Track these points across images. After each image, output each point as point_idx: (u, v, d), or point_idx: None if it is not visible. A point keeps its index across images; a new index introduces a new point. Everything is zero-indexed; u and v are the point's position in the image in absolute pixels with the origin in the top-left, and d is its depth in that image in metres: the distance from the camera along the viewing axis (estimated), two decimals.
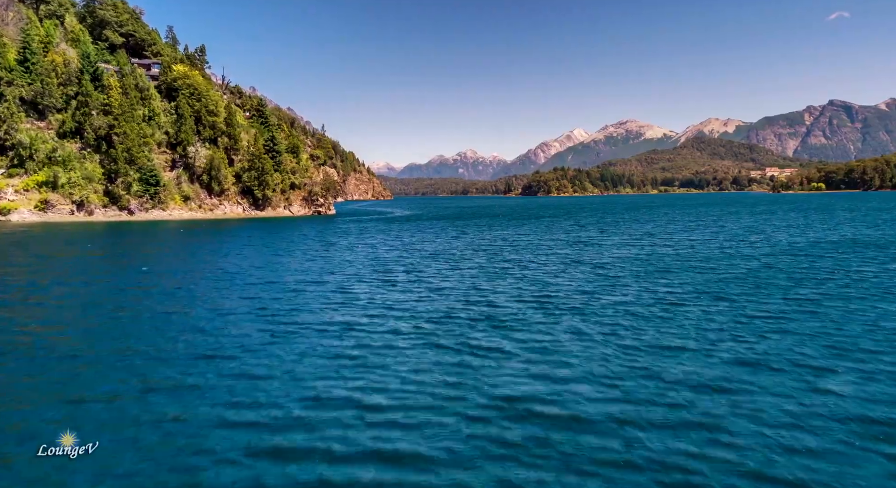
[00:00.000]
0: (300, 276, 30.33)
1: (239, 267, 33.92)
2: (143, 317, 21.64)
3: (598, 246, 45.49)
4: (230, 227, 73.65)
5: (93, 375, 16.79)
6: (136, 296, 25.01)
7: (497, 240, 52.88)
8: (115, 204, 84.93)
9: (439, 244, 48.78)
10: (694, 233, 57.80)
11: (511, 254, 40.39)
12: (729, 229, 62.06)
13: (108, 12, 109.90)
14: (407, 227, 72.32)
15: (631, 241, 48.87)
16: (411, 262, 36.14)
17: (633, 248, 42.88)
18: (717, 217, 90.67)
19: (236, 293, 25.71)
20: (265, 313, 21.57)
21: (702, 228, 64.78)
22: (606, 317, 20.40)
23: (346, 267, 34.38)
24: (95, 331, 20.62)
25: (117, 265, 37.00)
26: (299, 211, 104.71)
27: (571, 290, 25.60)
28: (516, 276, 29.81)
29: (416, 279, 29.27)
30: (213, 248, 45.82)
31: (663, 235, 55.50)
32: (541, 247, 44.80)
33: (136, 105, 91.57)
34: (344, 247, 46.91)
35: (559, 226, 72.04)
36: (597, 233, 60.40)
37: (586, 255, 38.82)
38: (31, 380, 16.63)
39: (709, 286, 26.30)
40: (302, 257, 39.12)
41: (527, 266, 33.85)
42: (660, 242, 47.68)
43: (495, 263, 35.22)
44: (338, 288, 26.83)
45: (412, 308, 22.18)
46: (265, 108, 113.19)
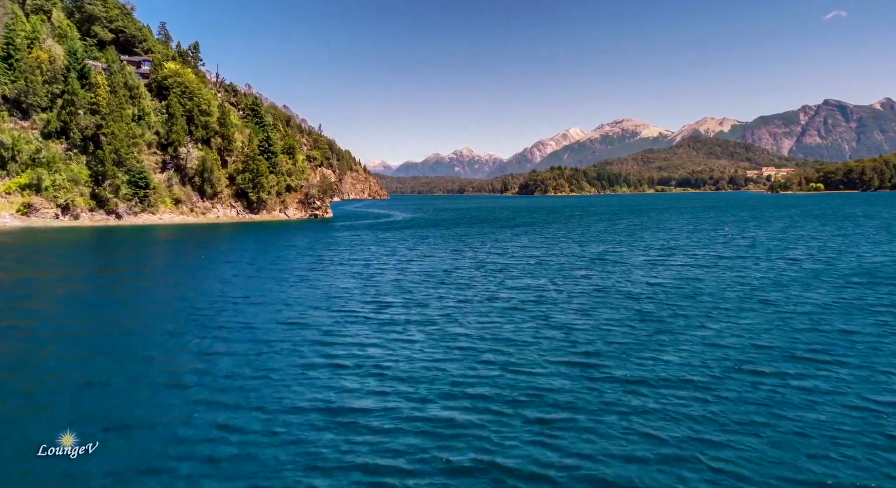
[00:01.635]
0: (278, 313, 25.44)
1: (211, 296, 29.45)
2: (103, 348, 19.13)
3: (622, 265, 40.59)
4: (220, 235, 70.05)
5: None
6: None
7: (504, 254, 48.22)
8: (103, 207, 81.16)
9: (440, 261, 43.95)
10: (725, 247, 52.22)
11: (524, 277, 35.69)
12: (762, 242, 55.92)
13: (96, 7, 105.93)
14: (403, 237, 67.13)
15: (657, 259, 44.13)
16: (410, 290, 31.33)
17: (663, 270, 37.90)
18: (736, 223, 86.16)
19: (193, 341, 21.03)
20: (212, 385, 16.85)
21: (728, 240, 59.73)
22: (675, 398, 14.99)
23: (335, 297, 29.46)
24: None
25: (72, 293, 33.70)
26: (295, 214, 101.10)
27: (610, 342, 20.52)
28: (537, 317, 24.65)
29: (417, 320, 24.35)
30: (188, 268, 41.29)
31: (690, 249, 50.63)
32: (556, 268, 39.69)
33: (124, 104, 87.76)
34: (335, 264, 42.04)
35: (569, 236, 67.12)
36: (613, 244, 55.85)
37: (612, 280, 34.07)
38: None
39: (809, 341, 20.15)
40: (286, 281, 34.38)
41: (547, 298, 28.77)
42: (692, 260, 42.76)
43: (508, 293, 30.35)
44: (320, 335, 21.73)
45: (415, 374, 17.20)
46: (260, 107, 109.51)
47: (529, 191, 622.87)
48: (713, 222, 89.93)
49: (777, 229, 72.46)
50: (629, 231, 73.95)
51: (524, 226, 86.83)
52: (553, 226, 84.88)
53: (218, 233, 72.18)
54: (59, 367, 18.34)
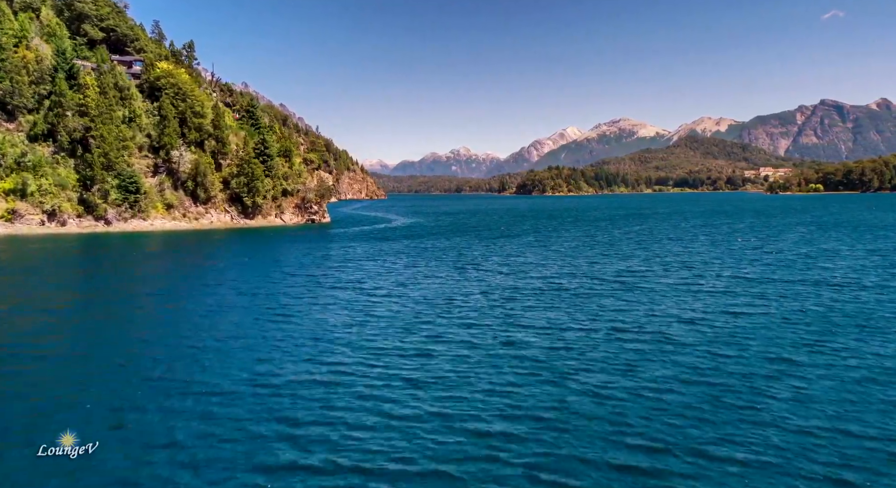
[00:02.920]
0: (247, 372, 20.38)
1: (168, 339, 25.02)
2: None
3: (646, 292, 35.97)
4: (207, 245, 66.86)
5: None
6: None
7: (510, 273, 43.93)
8: (91, 213, 78.02)
9: (441, 284, 39.48)
10: (753, 265, 47.07)
11: (537, 310, 31.11)
12: (790, 259, 50.52)
13: (87, 5, 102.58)
14: (401, 250, 61.76)
15: (683, 282, 39.19)
16: (408, 329, 26.86)
17: (694, 300, 33.10)
18: (750, 232, 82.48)
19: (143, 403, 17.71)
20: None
21: (755, 252, 54.96)
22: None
23: (320, 342, 24.49)
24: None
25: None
26: (292, 219, 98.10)
27: (670, 426, 15.93)
28: (562, 375, 20.16)
29: (415, 379, 19.65)
30: (160, 295, 35.97)
31: (714, 267, 46.04)
32: (570, 295, 35.07)
33: (114, 105, 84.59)
34: (325, 289, 37.36)
35: (577, 250, 61.14)
36: (628, 260, 51.26)
37: (640, 315, 29.49)
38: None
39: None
40: (265, 316, 29.12)
41: (569, 344, 24.08)
42: (722, 284, 38.04)
43: (522, 334, 25.96)
44: (292, 399, 17.67)
45: (410, 468, 13.60)
46: (256, 109, 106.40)
47: (527, 190, 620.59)
48: (725, 231, 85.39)
49: (797, 240, 67.72)
50: (639, 241, 70.14)
51: (527, 236, 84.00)
52: (557, 236, 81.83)
53: (207, 241, 68.99)
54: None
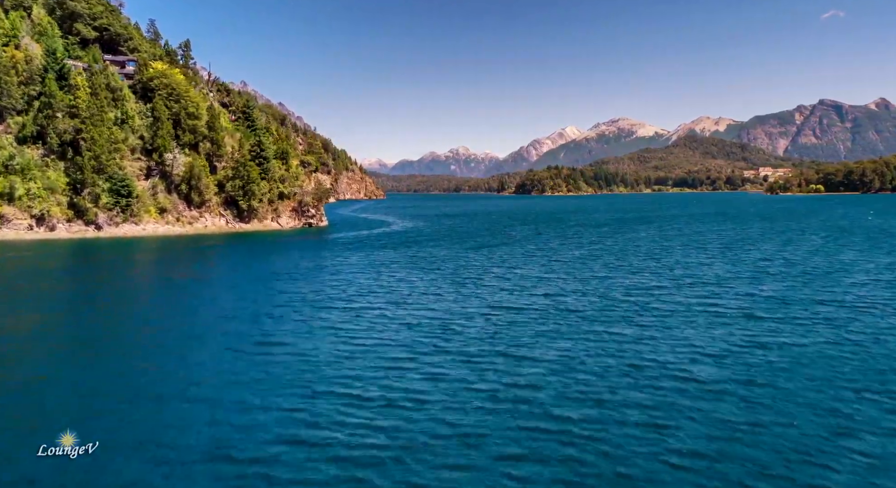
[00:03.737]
0: (213, 408, 17.46)
1: (124, 380, 21.46)
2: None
3: (665, 315, 31.70)
4: (198, 252, 64.57)
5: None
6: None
7: (514, 291, 39.56)
8: (81, 218, 75.90)
9: (438, 305, 35.00)
10: (771, 277, 42.56)
11: (548, 338, 27.08)
12: (817, 272, 45.46)
13: (79, 4, 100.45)
14: (397, 260, 56.70)
15: (704, 300, 34.88)
16: (400, 369, 22.50)
17: (719, 324, 29.50)
18: (763, 239, 76.13)
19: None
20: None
21: (771, 265, 49.73)
22: None
23: (293, 384, 20.61)
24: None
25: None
26: (288, 223, 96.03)
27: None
28: (583, 437, 16.66)
29: (407, 447, 15.94)
30: (115, 313, 32.02)
31: (734, 281, 41.11)
32: (580, 315, 30.99)
33: (106, 107, 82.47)
34: (314, 310, 33.54)
35: (586, 263, 54.88)
36: (641, 273, 46.23)
37: (660, 340, 25.60)
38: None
39: None
40: (244, 346, 25.52)
41: (590, 393, 19.97)
42: (749, 305, 33.05)
43: (529, 373, 21.97)
44: (262, 463, 14.75)
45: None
46: (252, 110, 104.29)
47: (527, 190, 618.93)
48: (733, 238, 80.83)
49: (813, 250, 61.52)
50: (647, 251, 65.19)
51: (528, 242, 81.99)
52: (559, 244, 79.58)
53: (197, 250, 66.45)
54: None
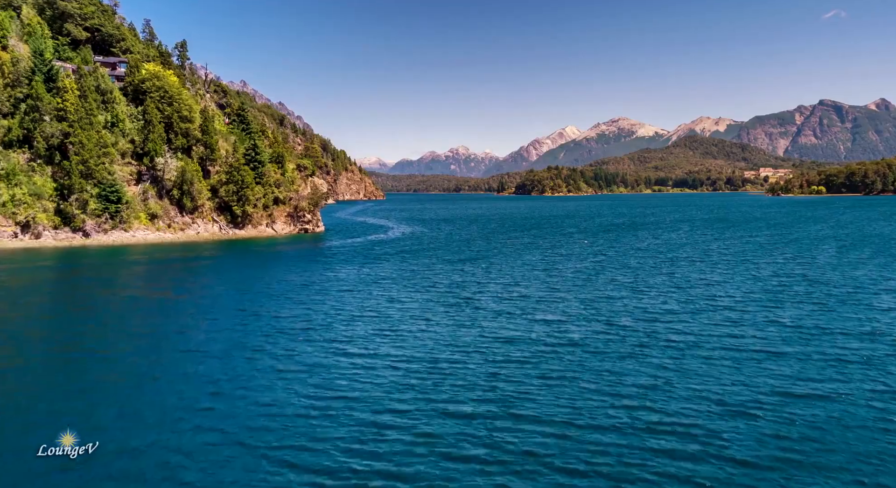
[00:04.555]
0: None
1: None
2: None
3: (681, 349, 27.51)
4: (183, 263, 61.90)
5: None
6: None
7: (514, 317, 34.27)
8: (68, 225, 73.54)
9: (429, 335, 30.89)
10: (792, 299, 38.81)
11: (552, 382, 22.71)
12: (844, 294, 41.29)
13: (70, 4, 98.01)
14: (390, 276, 51.34)
15: (723, 328, 31.40)
16: (378, 425, 19.23)
17: (745, 361, 25.29)
18: (775, 248, 71.34)
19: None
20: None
21: (789, 283, 45.07)
22: None
23: (250, 446, 16.78)
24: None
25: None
26: (284, 229, 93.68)
27: None
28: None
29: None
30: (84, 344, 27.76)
31: (753, 304, 36.83)
32: (586, 350, 27.17)
33: (95, 110, 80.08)
34: (290, 340, 29.70)
35: (586, 273, 51.82)
36: (649, 293, 41.28)
37: (680, 386, 21.76)
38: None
39: None
40: (205, 389, 21.53)
41: (602, 468, 16.64)
42: (773, 336, 29.70)
43: (532, 436, 18.49)
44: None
45: None
46: (246, 113, 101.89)
47: (526, 191, 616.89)
48: (743, 247, 75.09)
49: (831, 265, 56.26)
50: (654, 264, 58.45)
51: (529, 253, 79.62)
52: (561, 256, 77.00)
53: (183, 260, 63.61)
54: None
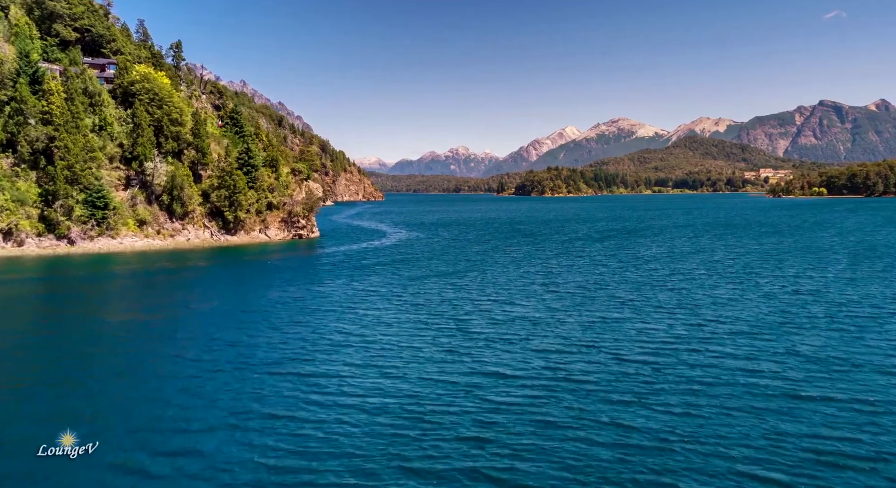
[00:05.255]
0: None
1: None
2: None
3: (699, 395, 23.55)
4: (163, 275, 58.99)
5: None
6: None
7: (509, 349, 29.57)
8: (53, 232, 71.23)
9: (413, 369, 26.92)
10: (828, 325, 34.57)
11: (554, 434, 19.86)
12: (880, 317, 37.03)
13: (59, 4, 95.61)
14: (379, 292, 46.91)
15: (753, 366, 26.48)
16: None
17: (786, 412, 21.88)
18: (789, 257, 66.33)
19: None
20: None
21: (816, 307, 40.06)
22: None
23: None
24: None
25: None
26: (277, 235, 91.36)
27: None
28: None
29: None
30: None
31: (784, 335, 32.40)
32: (592, 390, 24.00)
33: (82, 113, 77.75)
34: (257, 373, 25.93)
35: (590, 288, 47.29)
36: (658, 313, 36.32)
37: (703, 454, 18.42)
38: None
39: None
40: (157, 426, 18.77)
41: None
42: (814, 381, 25.17)
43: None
44: None
45: None
46: (240, 116, 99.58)
47: (526, 191, 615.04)
48: (755, 259, 67.08)
49: (853, 281, 50.56)
50: (661, 281, 52.06)
51: (528, 263, 77.27)
52: (563, 268, 74.60)
53: (166, 270, 60.79)
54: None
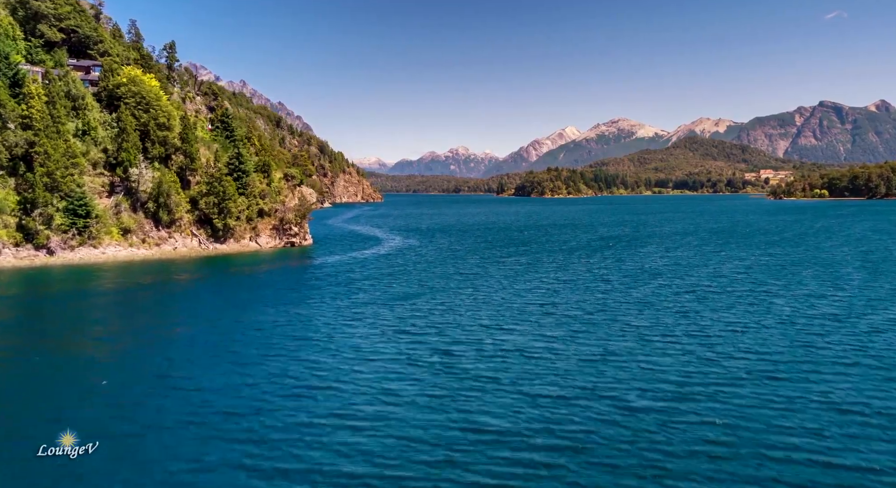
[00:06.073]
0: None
1: None
2: None
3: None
4: (134, 293, 55.21)
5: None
6: None
7: (503, 387, 26.83)
8: (31, 241, 68.23)
9: (388, 417, 23.82)
10: (880, 380, 28.95)
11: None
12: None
13: (44, 4, 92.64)
14: (366, 320, 41.50)
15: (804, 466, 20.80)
16: None
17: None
18: (807, 270, 61.68)
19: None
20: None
21: (874, 356, 32.93)
22: None
23: None
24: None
25: None
26: (268, 242, 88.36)
27: None
28: None
29: None
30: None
31: (840, 394, 27.21)
32: (599, 448, 21.61)
33: (64, 117, 74.73)
34: (203, 425, 20.85)
35: (594, 309, 42.64)
36: (672, 348, 32.76)
37: None
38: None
39: None
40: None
41: None
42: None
43: None
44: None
45: None
46: (231, 119, 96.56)
47: (526, 192, 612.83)
48: (768, 277, 59.70)
49: (872, 300, 46.79)
50: (669, 301, 46.63)
51: (527, 278, 74.24)
52: (561, 281, 72.08)
53: (139, 287, 56.43)
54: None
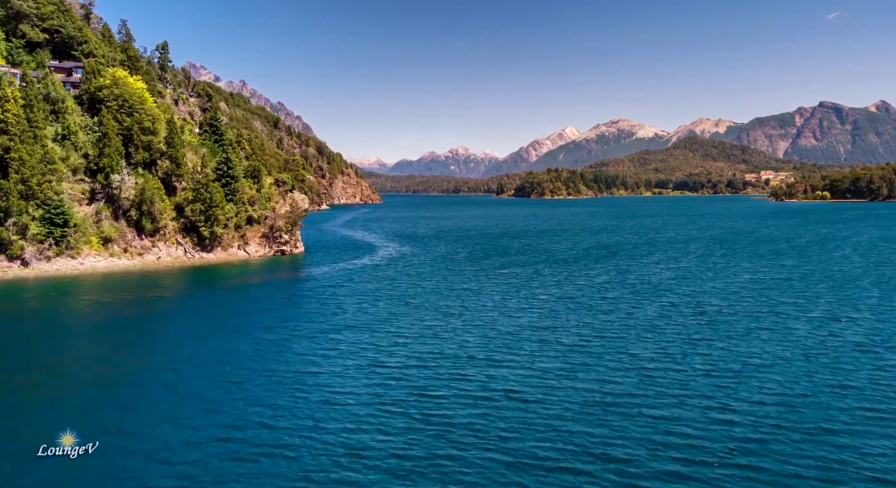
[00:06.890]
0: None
1: None
2: None
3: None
4: (103, 312, 49.47)
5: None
6: None
7: (499, 438, 24.14)
8: (4, 253, 64.95)
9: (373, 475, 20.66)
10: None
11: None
12: None
13: (26, 3, 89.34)
14: (348, 344, 37.77)
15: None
16: None
17: None
18: (824, 286, 58.24)
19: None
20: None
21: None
22: None
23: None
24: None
25: None
26: (257, 251, 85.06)
27: None
28: None
29: None
30: None
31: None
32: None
33: (42, 122, 71.45)
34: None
35: (599, 334, 38.96)
36: (687, 397, 29.07)
37: None
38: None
39: None
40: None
41: None
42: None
43: None
44: None
45: None
46: (219, 123, 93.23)
47: (526, 193, 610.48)
48: (780, 295, 54.55)
49: (891, 320, 43.30)
50: (678, 323, 42.27)
51: (527, 292, 70.83)
52: (561, 298, 68.34)
53: (110, 305, 51.00)
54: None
